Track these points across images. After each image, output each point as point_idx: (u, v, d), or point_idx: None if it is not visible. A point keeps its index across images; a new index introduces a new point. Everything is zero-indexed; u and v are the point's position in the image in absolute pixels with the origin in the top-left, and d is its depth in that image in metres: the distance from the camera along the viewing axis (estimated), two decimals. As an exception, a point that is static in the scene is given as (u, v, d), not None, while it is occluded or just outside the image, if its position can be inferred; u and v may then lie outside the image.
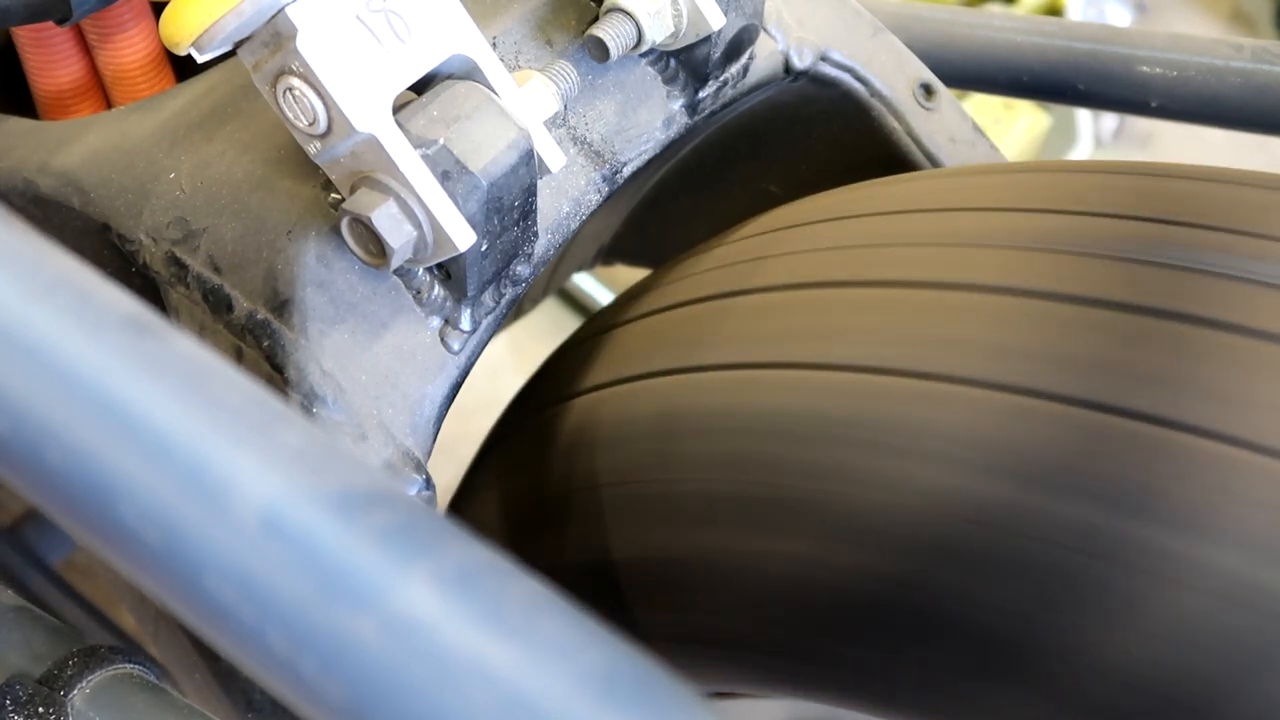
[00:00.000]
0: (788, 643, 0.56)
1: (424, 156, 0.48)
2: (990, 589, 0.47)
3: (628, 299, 0.69)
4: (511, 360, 1.54)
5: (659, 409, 0.59)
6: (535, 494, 0.67)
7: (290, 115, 0.48)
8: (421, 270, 0.53)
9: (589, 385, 0.65)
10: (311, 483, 0.27)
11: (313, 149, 0.49)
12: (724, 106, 0.65)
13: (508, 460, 0.72)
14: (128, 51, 0.64)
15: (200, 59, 0.47)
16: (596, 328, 0.69)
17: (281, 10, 0.46)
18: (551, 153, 0.53)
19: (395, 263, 0.50)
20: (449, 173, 0.49)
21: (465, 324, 0.55)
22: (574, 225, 0.59)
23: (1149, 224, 0.51)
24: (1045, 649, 0.46)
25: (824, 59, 0.68)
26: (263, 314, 0.52)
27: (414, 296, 0.54)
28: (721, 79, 0.63)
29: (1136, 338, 0.47)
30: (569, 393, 0.66)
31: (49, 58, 0.65)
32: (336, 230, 0.51)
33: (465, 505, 0.74)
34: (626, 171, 0.61)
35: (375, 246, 0.50)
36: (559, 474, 0.65)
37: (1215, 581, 0.43)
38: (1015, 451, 0.47)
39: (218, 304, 0.54)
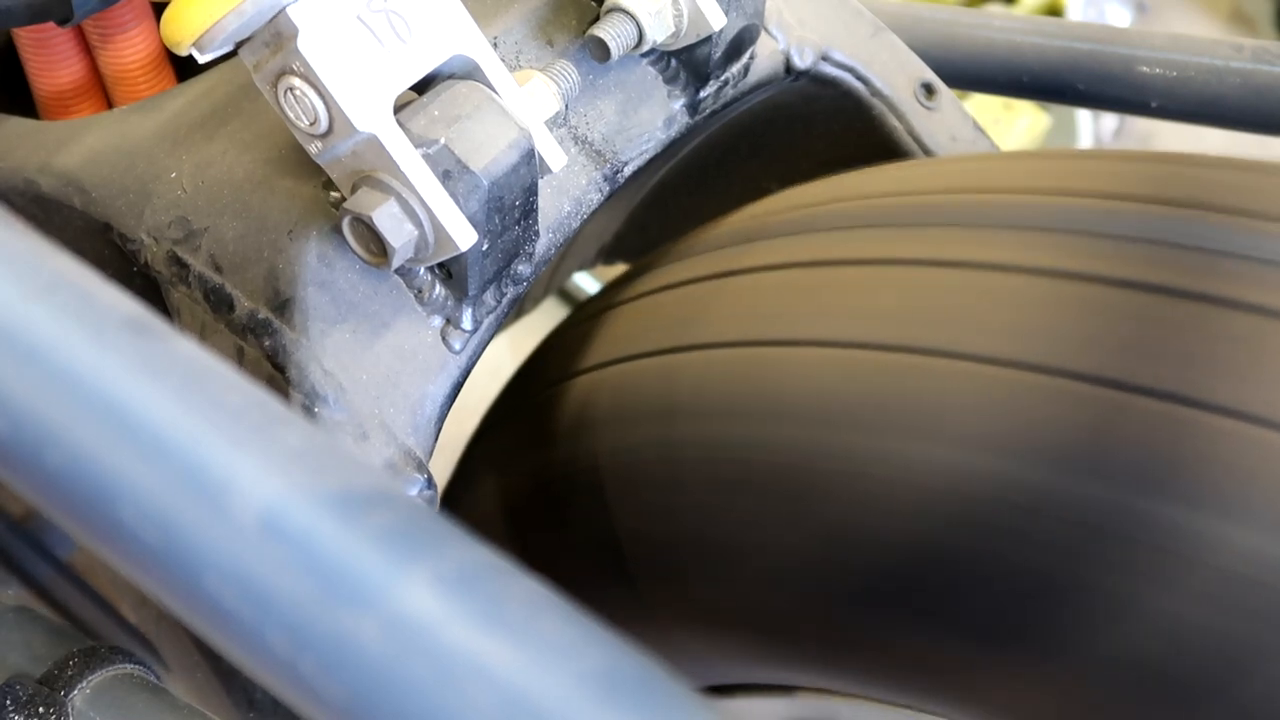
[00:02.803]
0: (790, 622, 0.56)
1: (425, 156, 0.48)
2: (1009, 569, 0.47)
3: (625, 280, 0.68)
4: (511, 360, 1.53)
5: (659, 388, 0.59)
6: (536, 474, 0.67)
7: (291, 115, 0.48)
8: (423, 269, 0.53)
9: (588, 365, 0.65)
10: (311, 483, 0.27)
11: (314, 149, 0.49)
12: (725, 106, 0.65)
13: (506, 442, 0.71)
14: (129, 52, 0.64)
15: (201, 59, 0.47)
16: (593, 309, 0.69)
17: (282, 10, 0.46)
18: (552, 152, 0.53)
19: (396, 262, 0.50)
20: (450, 172, 0.49)
21: (466, 323, 0.55)
22: (575, 225, 0.59)
23: (1168, 207, 0.51)
24: (1065, 627, 0.46)
25: (825, 59, 0.68)
26: (264, 313, 0.52)
27: (415, 296, 0.54)
28: (722, 79, 0.63)
29: (1158, 317, 0.47)
30: (567, 373, 0.66)
31: (50, 58, 0.65)
32: (338, 230, 0.51)
33: (462, 490, 0.74)
34: (627, 171, 0.61)
35: (376, 246, 0.50)
36: (561, 454, 0.65)
37: (1238, 559, 0.43)
38: (1036, 430, 0.47)
39: (219, 303, 0.54)
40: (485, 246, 0.51)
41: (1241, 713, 0.44)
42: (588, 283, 1.58)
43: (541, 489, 0.67)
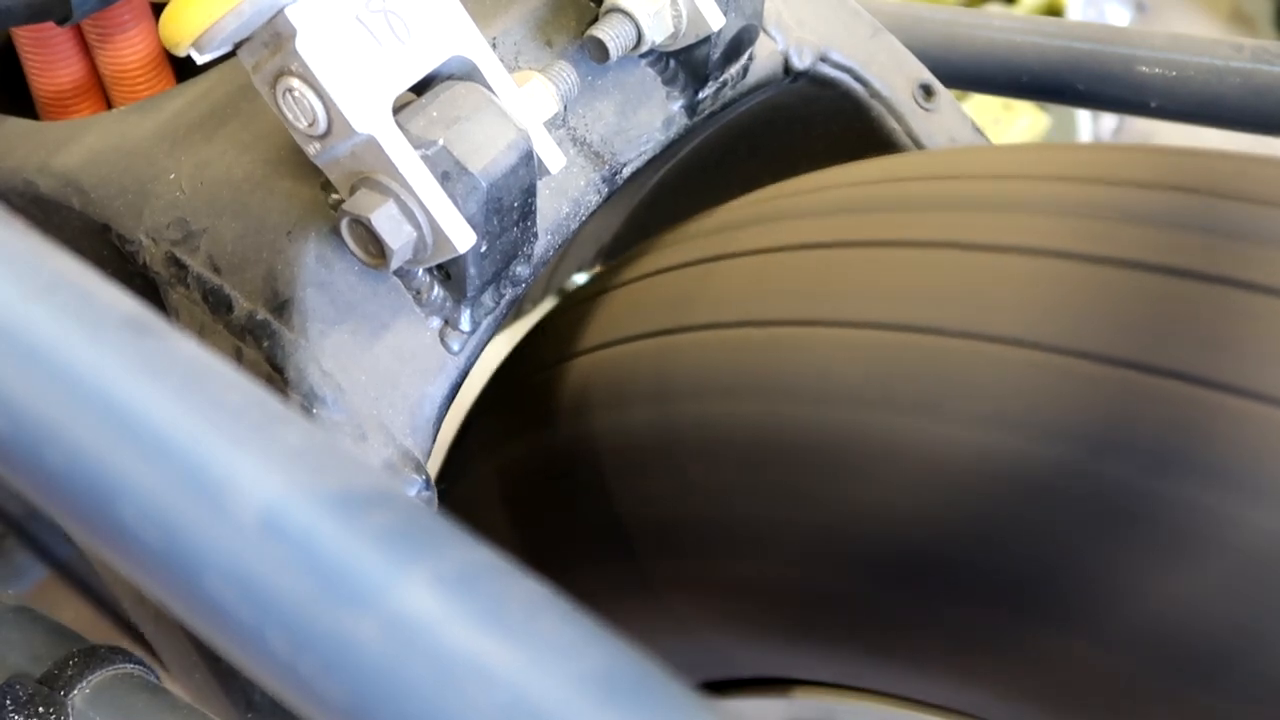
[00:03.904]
0: (795, 598, 0.56)
1: (424, 157, 0.48)
2: (1026, 547, 0.47)
3: (621, 265, 0.68)
4: (511, 361, 1.53)
5: (658, 368, 0.59)
6: (535, 458, 0.67)
7: (290, 116, 0.48)
8: (421, 271, 0.53)
9: (585, 347, 0.64)
10: (311, 483, 0.27)
11: (312, 150, 0.49)
12: (724, 107, 0.65)
13: (502, 426, 0.71)
14: (128, 52, 0.64)
15: (200, 60, 0.47)
16: (588, 293, 0.68)
17: (281, 11, 0.46)
18: (551, 154, 0.53)
19: (395, 263, 0.50)
20: (449, 173, 0.49)
21: (465, 324, 0.55)
22: (574, 226, 0.59)
23: (1186, 193, 0.51)
24: (1085, 602, 0.47)
25: (823, 59, 0.68)
26: (263, 314, 0.52)
27: (414, 297, 0.54)
28: (721, 80, 0.63)
29: (1177, 299, 0.48)
30: (564, 356, 0.66)
31: (49, 58, 0.65)
32: (336, 231, 0.51)
33: (455, 477, 0.74)
34: (626, 172, 0.61)
35: (375, 247, 0.50)
36: (562, 437, 0.64)
37: (1256, 537, 0.44)
38: (1055, 411, 0.47)
39: (218, 304, 0.54)
40: (484, 248, 0.51)
41: (1259, 686, 0.44)
42: (586, 284, 1.58)
43: (540, 470, 0.66)
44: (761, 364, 0.55)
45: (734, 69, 0.64)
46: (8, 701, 0.46)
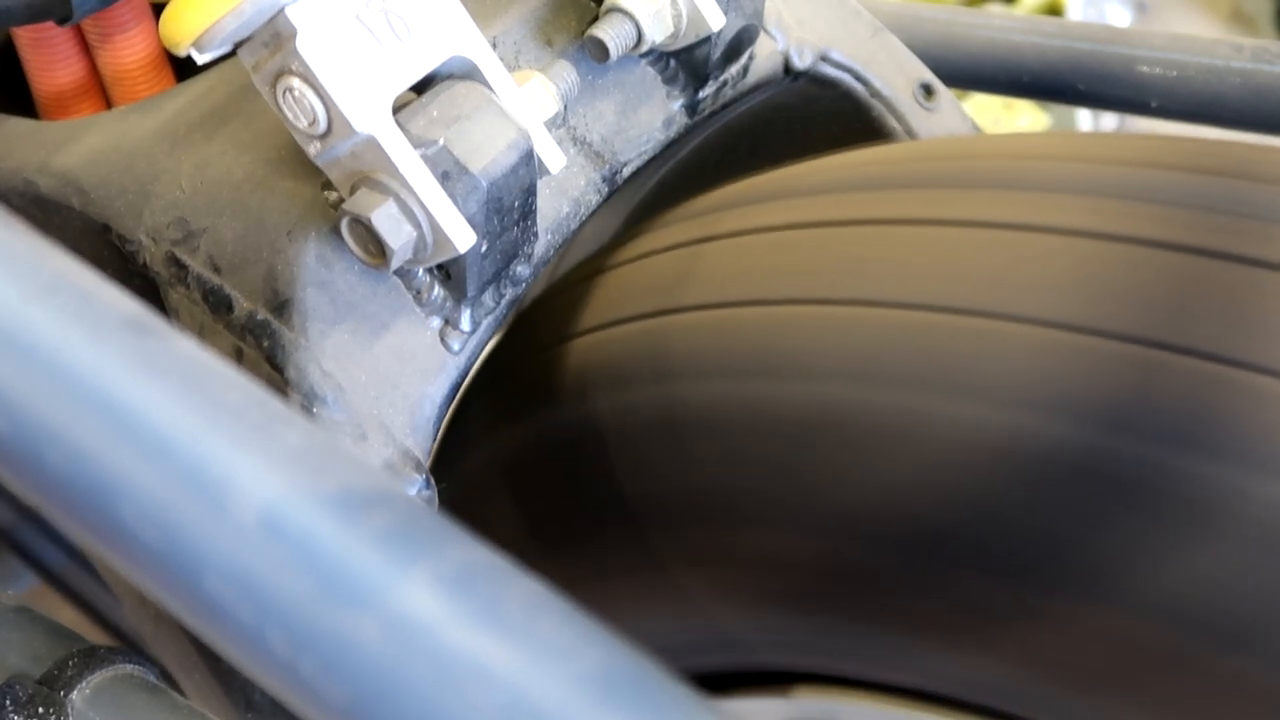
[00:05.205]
0: (804, 577, 0.55)
1: (424, 157, 0.48)
2: (1047, 526, 0.47)
3: (617, 246, 0.68)
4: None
5: (653, 349, 0.59)
6: (535, 440, 0.66)
7: (290, 116, 0.48)
8: (421, 270, 0.53)
9: (584, 328, 0.64)
10: (311, 483, 0.27)
11: (313, 149, 0.49)
12: (724, 107, 0.65)
13: (496, 409, 0.71)
14: (128, 52, 0.64)
15: (200, 60, 0.47)
16: (583, 274, 0.68)
17: (281, 11, 0.46)
18: (551, 153, 0.53)
19: (395, 263, 0.50)
20: (449, 173, 0.49)
21: (465, 324, 0.55)
22: (574, 226, 0.59)
23: (1209, 175, 0.51)
24: (1107, 575, 0.47)
25: (824, 59, 0.68)
26: (263, 314, 0.52)
27: (414, 297, 0.54)
28: (721, 79, 0.63)
29: (1197, 278, 0.48)
30: (560, 338, 0.65)
31: (49, 58, 0.65)
32: (336, 230, 0.51)
33: (449, 464, 0.74)
34: (626, 172, 0.61)
35: (375, 247, 0.50)
36: (562, 418, 0.64)
37: (1273, 511, 0.44)
38: (1075, 388, 0.47)
39: (218, 304, 0.54)
40: (484, 248, 0.51)
41: (1274, 658, 0.44)
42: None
43: (541, 452, 0.66)
44: (769, 342, 0.55)
45: (734, 69, 0.64)
46: (8, 702, 0.46)
